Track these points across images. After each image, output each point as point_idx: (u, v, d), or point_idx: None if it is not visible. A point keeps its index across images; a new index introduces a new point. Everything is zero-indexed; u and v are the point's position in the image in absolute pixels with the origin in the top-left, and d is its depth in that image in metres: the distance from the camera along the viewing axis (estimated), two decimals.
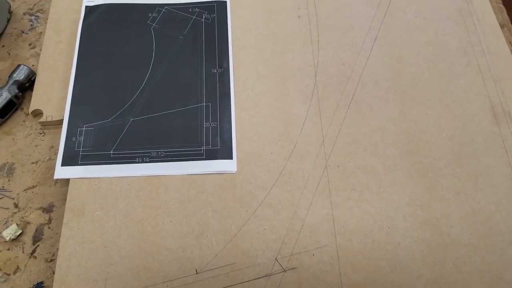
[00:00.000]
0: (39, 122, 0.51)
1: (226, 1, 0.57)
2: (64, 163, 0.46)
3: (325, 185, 0.47)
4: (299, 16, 0.58)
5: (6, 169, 0.49)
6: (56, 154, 0.50)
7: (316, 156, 0.49)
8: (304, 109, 0.51)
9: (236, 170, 0.47)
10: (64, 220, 0.44)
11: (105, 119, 0.49)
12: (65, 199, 0.47)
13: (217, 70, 0.53)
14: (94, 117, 0.49)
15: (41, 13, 0.60)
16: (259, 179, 0.47)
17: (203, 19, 0.56)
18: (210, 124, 0.50)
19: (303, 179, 0.47)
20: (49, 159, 0.50)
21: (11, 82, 0.51)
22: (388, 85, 0.53)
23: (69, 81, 0.52)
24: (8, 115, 0.51)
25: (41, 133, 0.51)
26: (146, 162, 0.47)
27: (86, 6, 0.56)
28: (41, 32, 0.58)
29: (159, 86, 0.51)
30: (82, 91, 0.51)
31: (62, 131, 0.48)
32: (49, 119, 0.50)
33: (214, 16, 0.56)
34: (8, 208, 0.47)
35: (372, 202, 0.46)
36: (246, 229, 0.44)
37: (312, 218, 0.45)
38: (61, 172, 0.46)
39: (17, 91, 0.51)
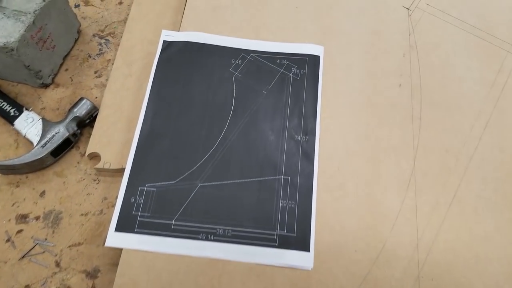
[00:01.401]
0: (95, 168, 0.45)
1: (319, 56, 0.50)
2: (118, 228, 0.40)
3: None
4: (400, 85, 0.50)
5: (52, 217, 0.43)
6: (108, 207, 0.44)
7: (408, 263, 0.41)
8: (398, 200, 0.44)
9: (312, 266, 0.40)
10: None
11: (170, 180, 0.43)
12: (113, 264, 0.41)
13: (301, 138, 0.46)
14: (158, 175, 0.43)
15: (112, 37, 0.54)
16: (339, 282, 0.40)
17: (291, 74, 0.49)
18: (287, 203, 0.43)
19: None
20: (101, 212, 0.44)
21: (70, 117, 0.46)
22: (497, 185, 0.45)
23: (135, 124, 0.46)
24: (61, 154, 0.46)
25: (95, 180, 0.45)
26: (211, 240, 0.40)
27: (164, 41, 0.50)
28: (109, 60, 0.52)
29: (234, 148, 0.45)
30: (148, 140, 0.45)
31: (121, 188, 0.42)
32: (106, 166, 0.44)
33: (304, 72, 0.49)
34: (48, 267, 0.41)
35: None
36: None
37: None
38: (114, 239, 0.40)
39: (75, 128, 0.46)
